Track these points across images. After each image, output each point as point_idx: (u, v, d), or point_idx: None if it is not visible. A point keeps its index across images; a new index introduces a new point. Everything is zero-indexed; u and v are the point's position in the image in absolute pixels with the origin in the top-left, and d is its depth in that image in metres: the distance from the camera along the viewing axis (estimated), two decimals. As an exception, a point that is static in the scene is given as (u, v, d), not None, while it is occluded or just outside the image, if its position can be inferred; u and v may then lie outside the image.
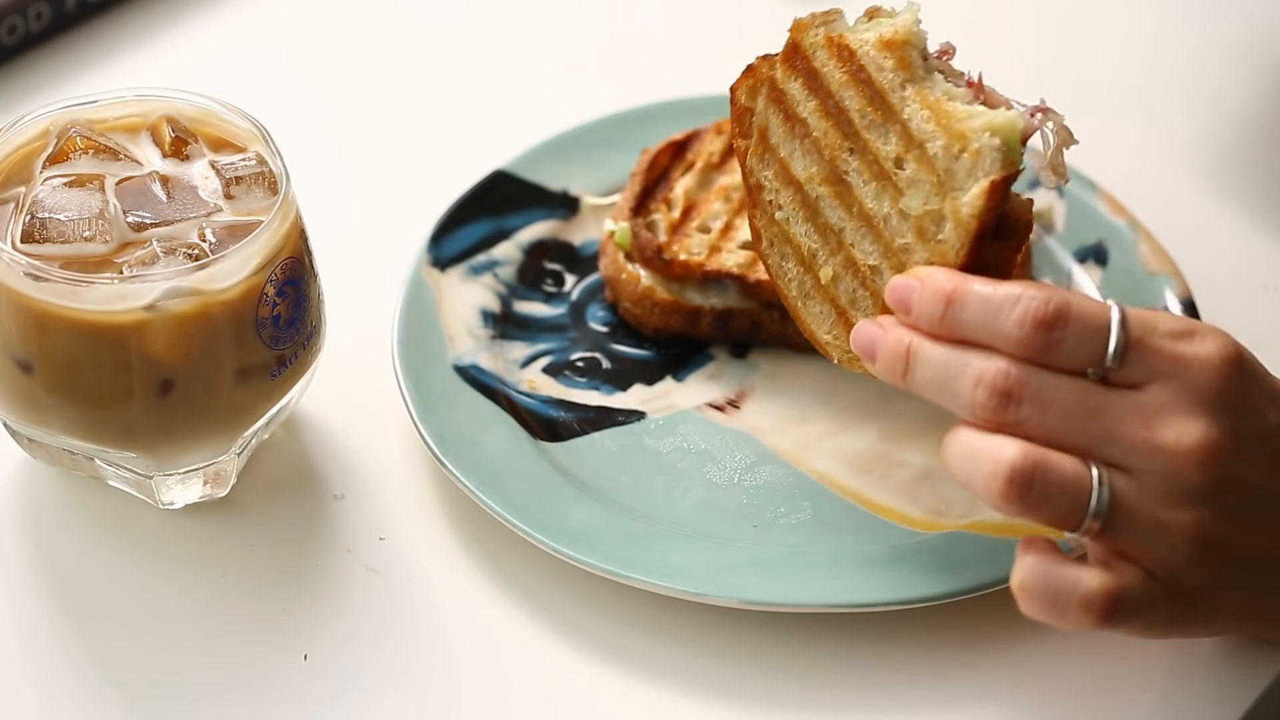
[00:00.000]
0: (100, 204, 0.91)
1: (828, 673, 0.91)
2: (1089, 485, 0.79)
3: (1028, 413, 0.79)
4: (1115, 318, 0.79)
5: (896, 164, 0.85)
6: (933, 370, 0.82)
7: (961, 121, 0.83)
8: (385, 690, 0.90)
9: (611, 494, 0.96)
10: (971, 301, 0.80)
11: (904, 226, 0.85)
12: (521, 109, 1.20)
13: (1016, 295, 0.80)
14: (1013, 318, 0.79)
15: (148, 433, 0.91)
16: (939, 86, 0.85)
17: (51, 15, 1.22)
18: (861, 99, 0.86)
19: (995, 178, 0.82)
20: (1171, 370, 0.79)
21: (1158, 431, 0.78)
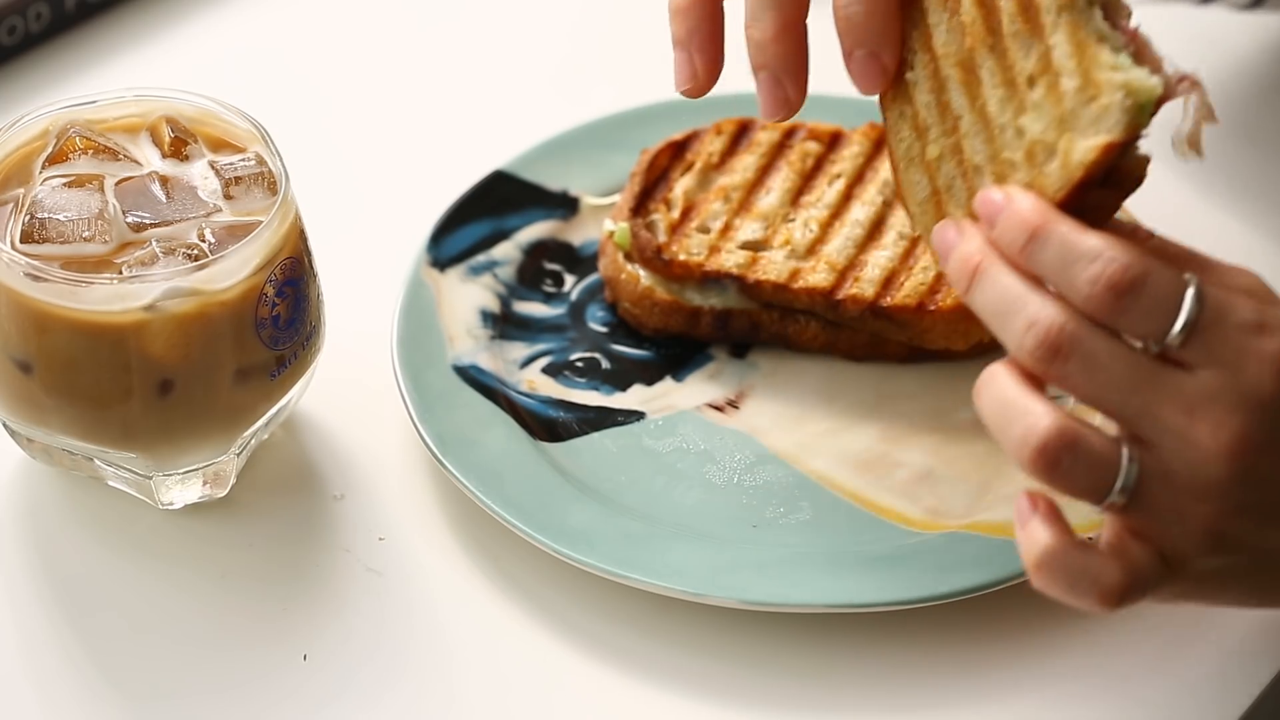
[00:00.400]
0: (100, 204, 0.91)
1: (827, 673, 0.91)
2: (1118, 466, 0.78)
3: (1073, 370, 0.78)
4: (1189, 301, 0.78)
5: (1029, 82, 0.82)
6: (994, 296, 0.80)
7: (1103, 70, 0.80)
8: (385, 690, 0.90)
9: (611, 494, 0.96)
10: (1053, 243, 0.79)
11: (1017, 143, 0.82)
12: (521, 109, 1.20)
13: (1098, 251, 0.78)
14: (1088, 274, 0.78)
15: (147, 433, 0.91)
16: (1095, 23, 0.81)
17: (51, 15, 1.22)
18: (1016, 4, 0.82)
19: (1115, 138, 0.79)
20: (1229, 361, 0.78)
21: (1197, 422, 0.77)
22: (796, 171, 1.07)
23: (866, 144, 1.08)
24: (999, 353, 1.05)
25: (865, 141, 1.08)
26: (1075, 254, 0.78)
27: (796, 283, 1.02)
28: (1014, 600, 0.92)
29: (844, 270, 1.02)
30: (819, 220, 1.05)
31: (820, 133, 1.08)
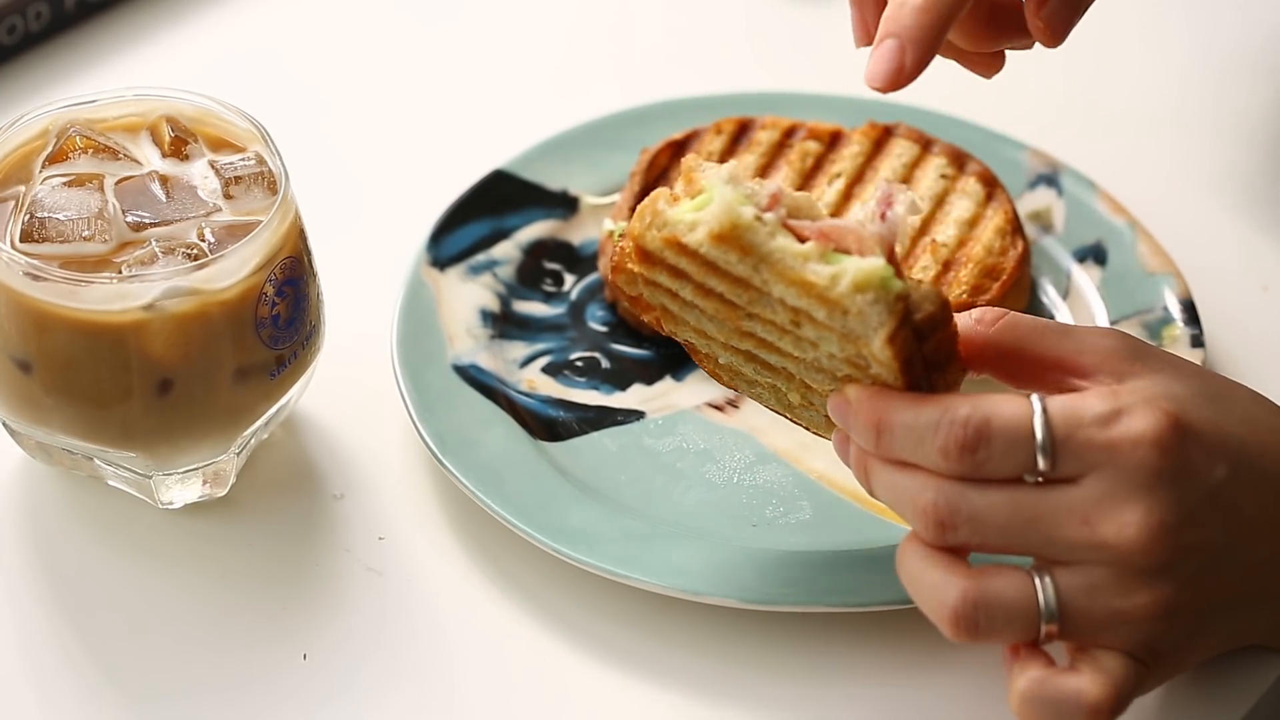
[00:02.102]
0: (99, 203, 0.91)
1: (827, 673, 0.91)
2: (1034, 600, 0.79)
3: (965, 534, 0.79)
4: (1038, 423, 0.79)
5: (794, 324, 0.83)
6: (883, 492, 0.82)
7: (829, 290, 0.80)
8: (385, 690, 0.90)
9: (611, 494, 0.96)
10: (897, 432, 0.80)
11: (838, 363, 0.83)
12: (521, 109, 1.20)
13: (935, 421, 0.79)
14: (936, 446, 0.79)
15: (147, 432, 0.91)
16: (788, 255, 0.81)
17: (51, 15, 1.22)
18: (728, 283, 0.83)
19: (890, 327, 0.80)
20: (1104, 459, 0.78)
21: (1098, 527, 0.78)
22: (796, 171, 1.07)
23: (866, 144, 1.08)
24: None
25: (865, 141, 1.08)
26: (919, 433, 0.80)
27: (796, 282, 1.02)
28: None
29: (844, 270, 1.02)
30: (819, 220, 1.04)
31: (820, 132, 1.08)
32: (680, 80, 1.20)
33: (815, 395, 0.87)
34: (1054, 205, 1.09)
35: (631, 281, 0.86)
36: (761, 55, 1.25)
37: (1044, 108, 1.20)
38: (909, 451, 0.80)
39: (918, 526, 0.80)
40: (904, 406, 0.81)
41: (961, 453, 0.79)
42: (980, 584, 0.79)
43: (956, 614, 0.79)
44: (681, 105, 1.14)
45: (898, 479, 0.81)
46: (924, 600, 0.81)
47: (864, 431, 0.82)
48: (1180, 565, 0.79)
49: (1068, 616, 0.79)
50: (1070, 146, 1.13)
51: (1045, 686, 0.79)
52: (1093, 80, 1.24)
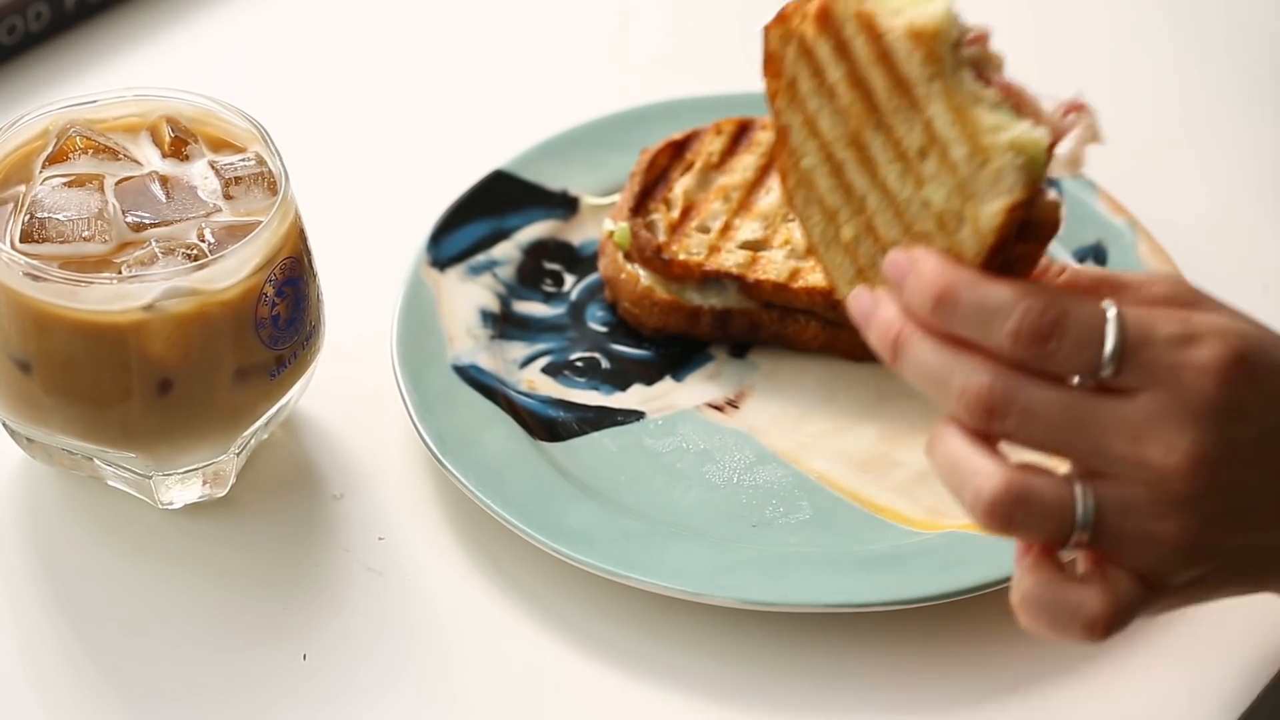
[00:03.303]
0: (99, 204, 0.91)
1: (827, 673, 0.91)
2: (1072, 505, 0.78)
3: (1012, 426, 0.78)
4: (1112, 328, 0.78)
5: (920, 154, 0.81)
6: (919, 367, 0.80)
7: (986, 134, 0.79)
8: (384, 690, 0.90)
9: (611, 494, 0.96)
10: (963, 305, 0.79)
11: (925, 214, 0.82)
12: (521, 109, 1.20)
13: (1012, 303, 0.78)
14: (1006, 329, 0.78)
15: (147, 432, 0.91)
16: (966, 85, 0.80)
17: (51, 15, 1.22)
18: (888, 81, 0.81)
19: (1016, 198, 0.79)
20: (1165, 379, 0.78)
21: (1145, 446, 0.77)
22: (796, 171, 1.07)
23: (866, 144, 1.08)
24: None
25: (865, 141, 1.08)
26: (989, 311, 0.78)
27: (796, 282, 1.02)
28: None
29: (844, 270, 1.02)
30: (819, 220, 1.04)
31: (820, 132, 1.08)
32: (680, 80, 1.20)
33: (868, 241, 0.84)
34: (1054, 205, 1.09)
35: (786, 39, 0.85)
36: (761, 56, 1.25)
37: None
38: (971, 328, 0.78)
39: (961, 408, 0.78)
40: (978, 281, 0.79)
41: (1033, 339, 0.77)
42: (1024, 478, 0.78)
43: (995, 502, 0.77)
44: (681, 105, 1.14)
45: (944, 357, 0.79)
46: (959, 484, 0.79)
47: (924, 296, 0.79)
48: (1214, 502, 0.78)
49: (1099, 528, 0.78)
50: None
51: (1051, 590, 0.78)
52: (1093, 80, 1.24)
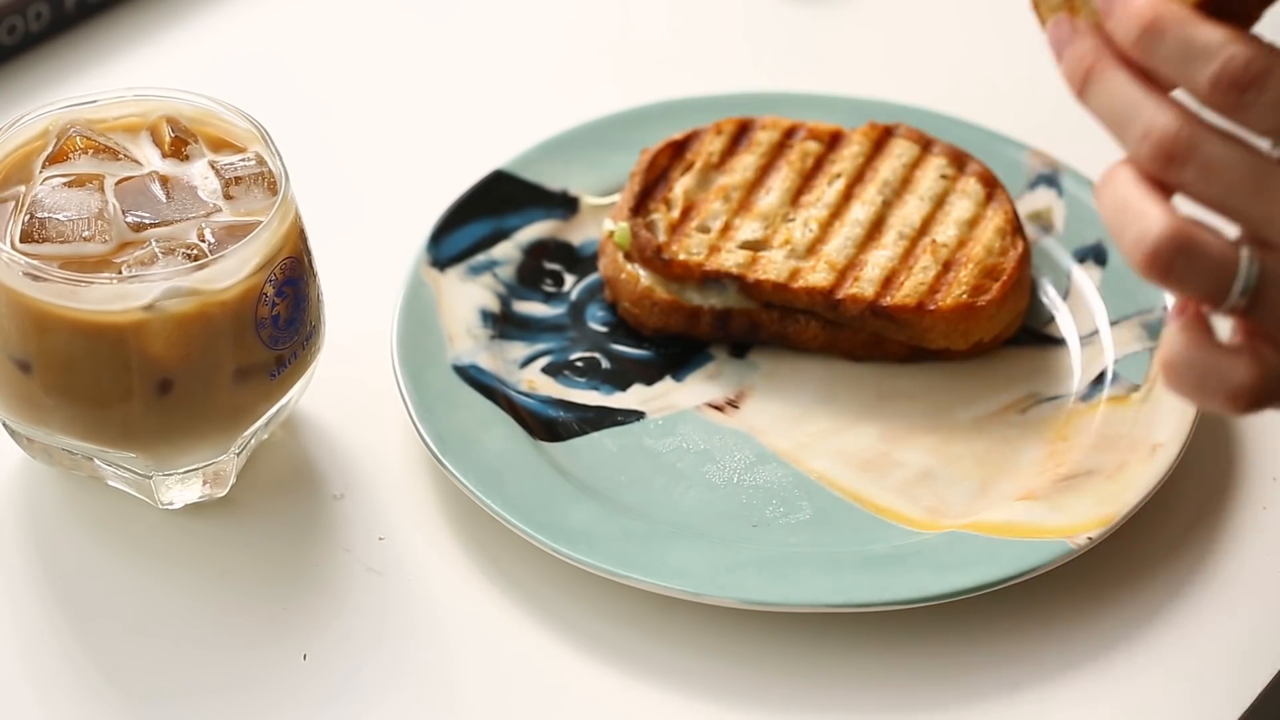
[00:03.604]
0: (99, 204, 0.91)
1: (827, 673, 0.91)
2: (1236, 267, 0.76)
3: (1190, 177, 0.76)
4: None
5: None
6: (1107, 101, 0.78)
7: None
8: (385, 690, 0.90)
9: (611, 494, 0.96)
10: (1170, 38, 0.76)
11: None
12: (521, 109, 1.20)
13: (1219, 45, 0.75)
14: (1208, 72, 0.75)
15: (147, 433, 0.91)
16: None
17: (51, 15, 1.22)
18: None
19: None
20: None
21: None
22: (796, 171, 1.07)
23: (866, 144, 1.08)
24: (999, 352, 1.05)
25: (865, 141, 1.08)
26: (1194, 49, 0.75)
27: (796, 282, 1.02)
28: (1014, 600, 0.92)
29: (844, 270, 1.02)
30: (819, 220, 1.05)
31: (820, 133, 1.08)
32: (680, 80, 1.20)
33: None
34: (1054, 205, 1.09)
35: None
36: (761, 55, 1.25)
37: (1043, 107, 1.20)
38: (1171, 62, 0.76)
39: (1143, 150, 0.76)
40: (1191, 18, 0.76)
41: (1231, 86, 0.75)
42: (1192, 228, 0.76)
43: (1159, 245, 0.75)
44: (681, 105, 1.14)
45: (1135, 95, 0.77)
46: (1124, 225, 0.77)
47: (1132, 22, 0.77)
48: None
49: (1259, 296, 0.76)
50: (1070, 146, 1.13)
51: (1200, 352, 0.76)
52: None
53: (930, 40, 1.26)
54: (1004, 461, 0.98)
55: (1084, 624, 0.92)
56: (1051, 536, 0.92)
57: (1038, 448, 0.98)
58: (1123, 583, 0.94)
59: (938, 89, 1.03)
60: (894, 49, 1.25)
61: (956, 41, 1.26)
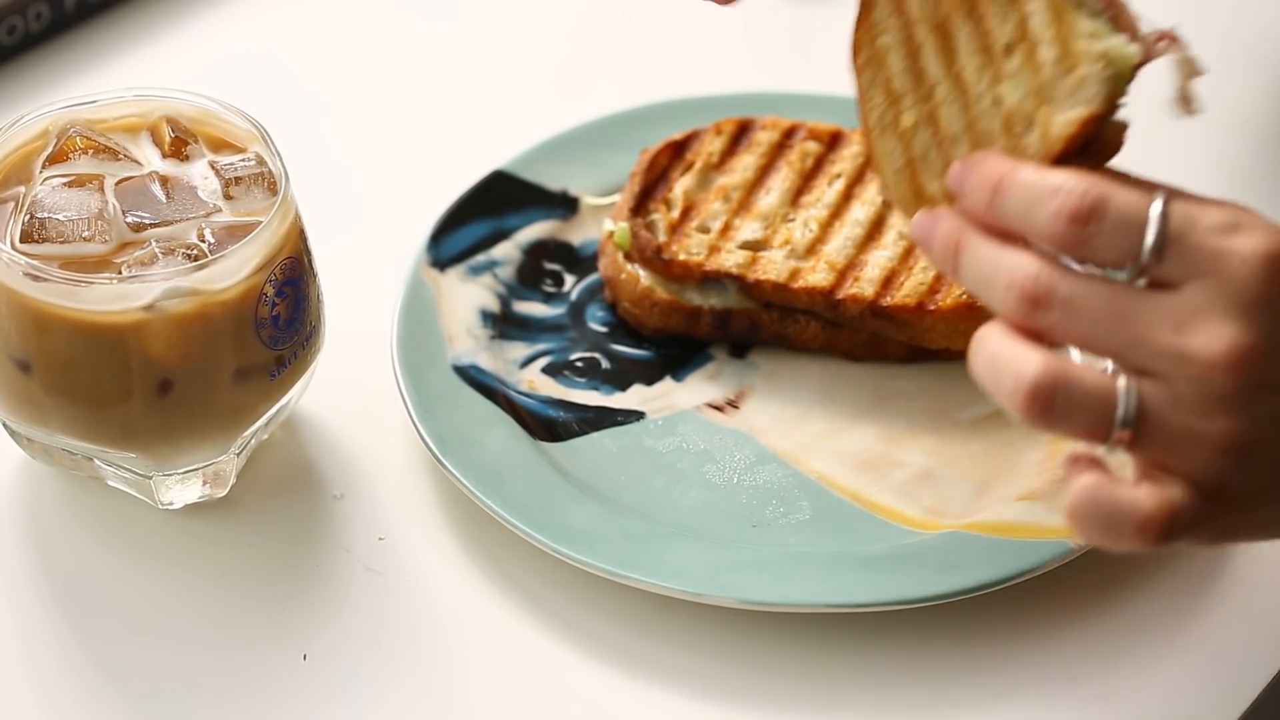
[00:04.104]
0: (99, 204, 0.91)
1: (827, 673, 0.91)
2: (1115, 397, 0.76)
3: (1056, 318, 0.77)
4: (1155, 213, 0.76)
5: (1006, 50, 0.80)
6: (975, 267, 0.79)
7: (1080, 40, 0.78)
8: (385, 690, 0.90)
9: (611, 494, 0.96)
10: (1015, 191, 0.78)
11: (994, 112, 0.81)
12: (521, 109, 1.20)
13: (1057, 186, 0.77)
14: (1049, 210, 0.76)
15: (147, 433, 0.91)
16: None
17: (51, 15, 1.22)
18: None
19: (1094, 110, 0.78)
20: (1210, 268, 0.76)
21: (1190, 336, 0.75)
22: (796, 171, 1.07)
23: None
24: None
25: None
26: (1036, 194, 0.77)
27: (796, 282, 1.02)
28: (1014, 600, 0.92)
29: (844, 270, 1.02)
30: (819, 220, 1.05)
31: (820, 133, 1.08)
32: (680, 81, 1.20)
33: (926, 133, 0.84)
34: (1054, 205, 1.09)
35: None
36: (761, 56, 1.25)
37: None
38: (1019, 214, 0.77)
39: (1008, 304, 0.77)
40: (1030, 169, 0.78)
41: (1072, 220, 0.76)
42: (1065, 365, 0.76)
43: (1036, 387, 0.76)
44: (681, 105, 1.14)
45: (997, 253, 0.78)
46: (999, 378, 0.77)
47: (981, 188, 0.79)
48: (1262, 401, 0.76)
49: (1144, 424, 0.76)
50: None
51: (1101, 492, 0.76)
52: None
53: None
54: (1004, 462, 0.98)
55: (1084, 624, 0.92)
56: (1051, 536, 0.92)
57: (1037, 448, 0.98)
58: (1122, 583, 0.94)
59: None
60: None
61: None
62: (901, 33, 0.84)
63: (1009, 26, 0.80)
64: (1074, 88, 0.79)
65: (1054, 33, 0.79)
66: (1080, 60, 0.78)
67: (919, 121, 0.84)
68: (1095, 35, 0.79)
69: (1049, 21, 0.79)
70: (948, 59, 0.83)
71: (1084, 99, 0.79)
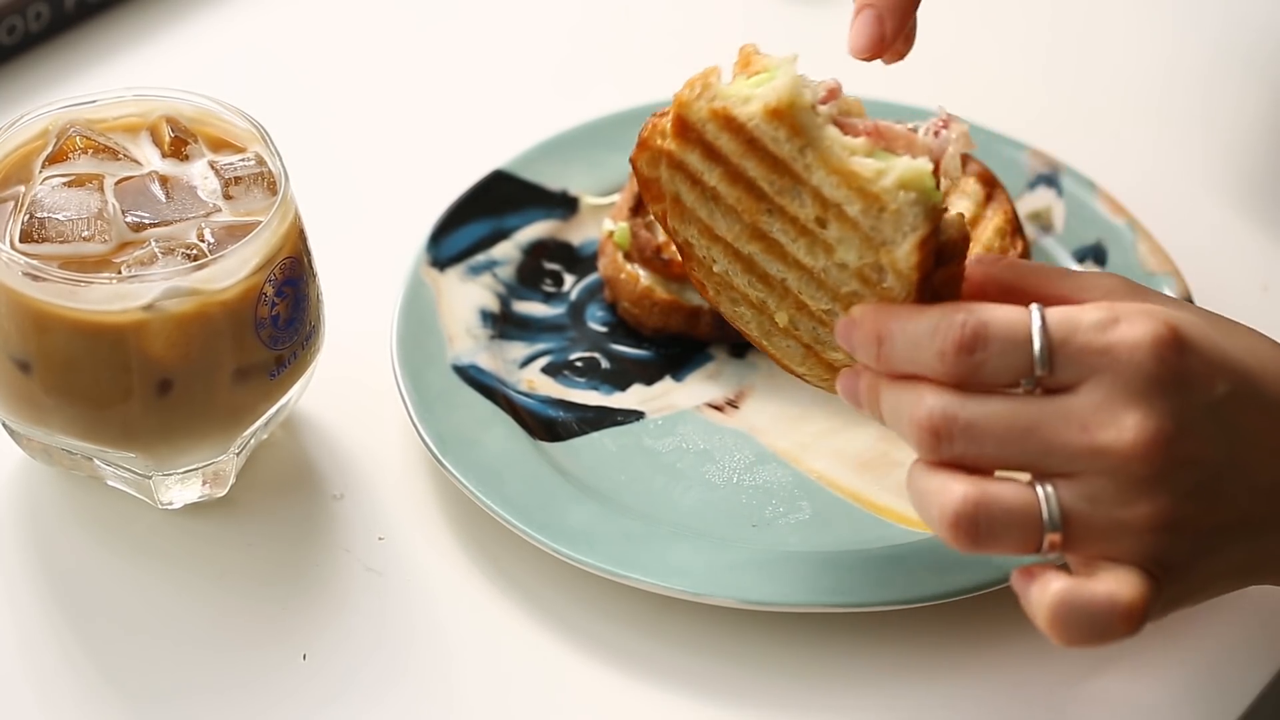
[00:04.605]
0: (99, 204, 0.91)
1: (827, 673, 0.91)
2: (1036, 507, 0.78)
3: (962, 447, 0.79)
4: (1035, 326, 0.78)
5: (819, 223, 0.82)
6: (888, 411, 0.81)
7: (872, 182, 0.80)
8: (384, 690, 0.90)
9: (610, 494, 0.96)
10: (897, 338, 0.80)
11: (846, 275, 0.83)
12: (521, 109, 1.20)
13: (934, 326, 0.79)
14: (933, 349, 0.79)
15: (146, 432, 0.91)
16: (837, 144, 0.81)
17: (51, 15, 1.22)
18: (764, 167, 0.83)
19: (923, 232, 0.80)
20: (1101, 364, 0.78)
21: (1096, 433, 0.77)
22: (796, 171, 1.07)
23: (866, 144, 1.08)
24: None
25: (865, 141, 1.08)
26: (917, 337, 0.79)
27: (796, 282, 1.02)
28: (1013, 600, 0.92)
29: (844, 270, 1.02)
30: (819, 220, 1.05)
31: (820, 132, 1.08)
32: (680, 80, 1.19)
33: (804, 320, 0.86)
34: (1054, 205, 1.09)
35: (654, 162, 0.86)
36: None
37: (1044, 108, 1.20)
38: (908, 359, 0.80)
39: (915, 441, 0.79)
40: (904, 313, 0.80)
41: (958, 353, 0.78)
42: (982, 487, 0.78)
43: (958, 515, 0.78)
44: (681, 105, 1.14)
45: (897, 395, 0.80)
46: (926, 508, 0.79)
47: (866, 344, 0.81)
48: (1179, 477, 0.78)
49: (1070, 525, 0.78)
50: (1070, 146, 1.13)
51: (1077, 594, 0.78)
52: (1093, 80, 1.24)
53: (929, 40, 1.26)
54: (1004, 462, 0.98)
55: (1084, 624, 0.92)
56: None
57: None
58: (1122, 583, 0.94)
59: (937, 89, 1.04)
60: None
61: (956, 41, 1.26)
62: (727, 254, 0.86)
63: (808, 205, 0.82)
64: (894, 223, 0.80)
65: (847, 190, 0.81)
66: (883, 199, 0.80)
67: (793, 315, 0.86)
68: (882, 171, 0.80)
69: (837, 184, 0.81)
70: (779, 255, 0.85)
71: (909, 227, 0.80)
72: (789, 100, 0.81)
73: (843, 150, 0.81)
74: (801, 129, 0.81)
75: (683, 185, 0.86)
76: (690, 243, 0.87)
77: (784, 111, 0.81)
